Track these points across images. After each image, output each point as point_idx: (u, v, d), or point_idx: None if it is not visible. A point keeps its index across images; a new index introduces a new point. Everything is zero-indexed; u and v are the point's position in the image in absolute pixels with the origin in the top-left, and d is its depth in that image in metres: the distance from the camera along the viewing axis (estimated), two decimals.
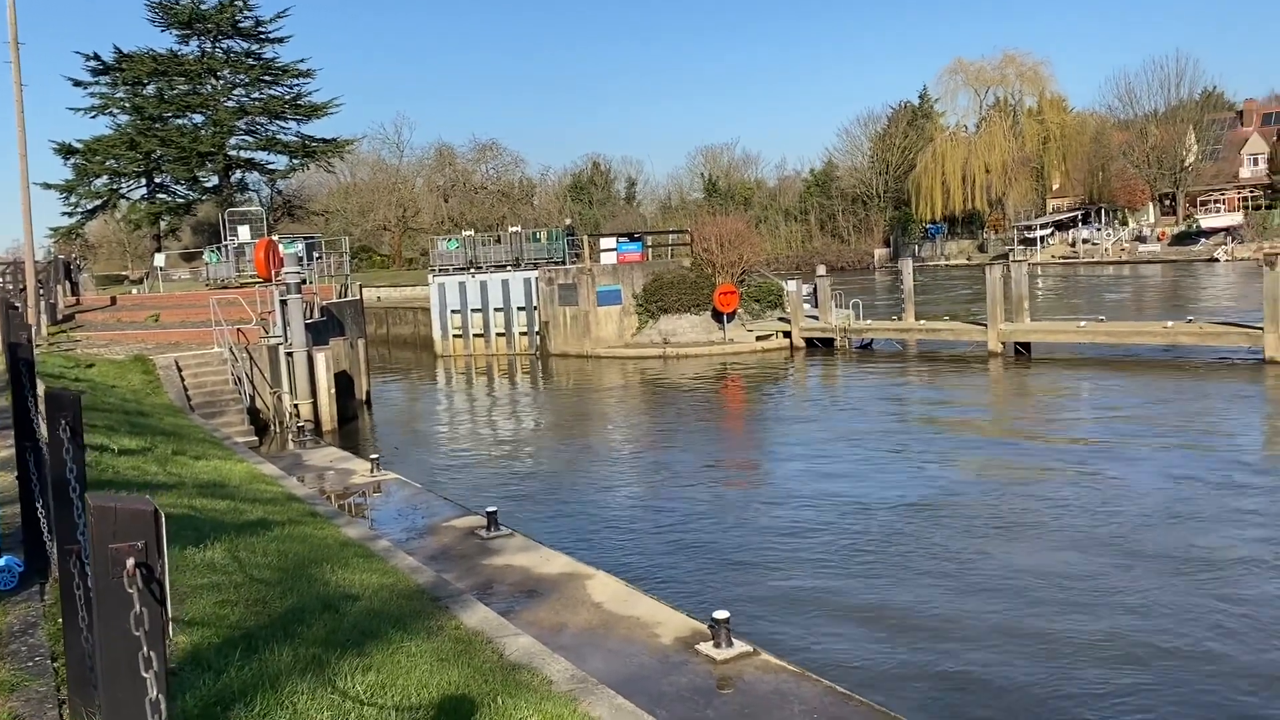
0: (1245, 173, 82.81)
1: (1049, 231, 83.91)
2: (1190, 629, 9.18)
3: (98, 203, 54.69)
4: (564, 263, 39.19)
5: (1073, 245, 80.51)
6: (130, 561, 2.10)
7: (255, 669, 4.74)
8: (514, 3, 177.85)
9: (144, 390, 19.87)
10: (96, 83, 52.12)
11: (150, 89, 53.10)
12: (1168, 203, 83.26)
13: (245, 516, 9.18)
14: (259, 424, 21.31)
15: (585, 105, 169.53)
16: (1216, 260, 65.54)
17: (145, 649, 2.11)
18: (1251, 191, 79.14)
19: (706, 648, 7.78)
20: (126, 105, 52.51)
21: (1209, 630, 9.14)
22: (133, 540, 2.12)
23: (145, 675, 2.12)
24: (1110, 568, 10.87)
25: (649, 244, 42.69)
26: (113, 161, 52.34)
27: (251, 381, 22.11)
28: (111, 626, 2.14)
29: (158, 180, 54.87)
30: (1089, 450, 16.67)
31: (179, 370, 21.55)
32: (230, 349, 22.05)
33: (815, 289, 35.63)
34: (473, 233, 45.99)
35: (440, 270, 41.78)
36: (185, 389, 20.90)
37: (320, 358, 22.48)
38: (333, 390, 22.64)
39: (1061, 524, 12.57)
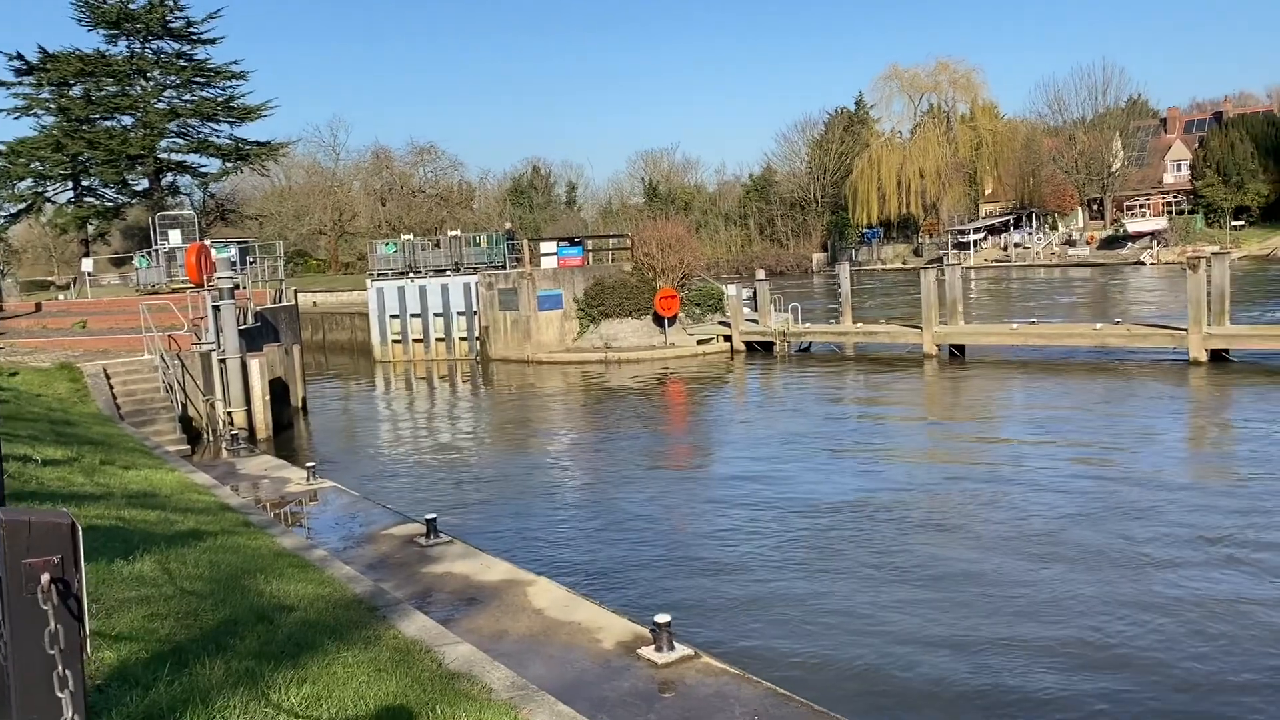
0: (1169, 178, 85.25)
1: (982, 236, 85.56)
2: (1114, 624, 9.39)
3: (22, 206, 53.19)
4: (504, 267, 38.96)
5: (1005, 249, 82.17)
6: (45, 577, 2.02)
7: (185, 684, 4.62)
8: (451, 6, 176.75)
9: (70, 399, 19.34)
10: (20, 83, 50.74)
11: (77, 90, 51.79)
12: (1096, 207, 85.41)
13: (176, 527, 8.96)
14: (191, 432, 20.86)
15: (525, 109, 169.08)
16: (1143, 263, 67.33)
17: (61, 668, 2.03)
18: (1175, 197, 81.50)
19: (648, 652, 7.77)
20: (52, 106, 51.17)
21: (1132, 625, 9.35)
22: (48, 555, 2.04)
23: (60, 695, 2.04)
24: (1037, 566, 11.08)
25: (590, 248, 42.63)
26: (37, 164, 50.94)
27: (183, 389, 21.63)
28: (25, 645, 2.05)
29: (85, 183, 53.55)
30: (1018, 450, 16.99)
31: (107, 378, 21.01)
32: (161, 356, 21.55)
33: (755, 293, 35.89)
34: (411, 237, 45.53)
35: (379, 275, 41.26)
36: (114, 397, 20.38)
37: (254, 364, 22.07)
38: (267, 397, 22.24)
39: (991, 523, 12.79)
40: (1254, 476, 14.26)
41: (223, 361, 21.88)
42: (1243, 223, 73.02)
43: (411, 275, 40.28)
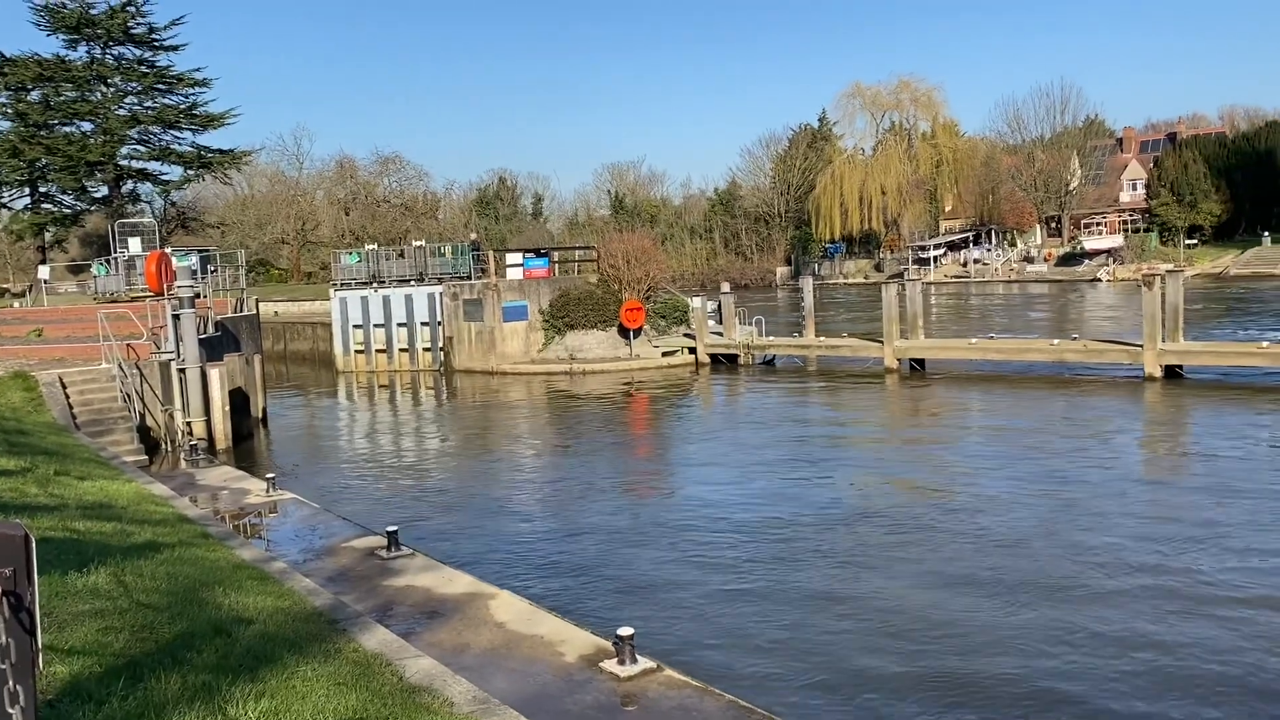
0: (1125, 197, 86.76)
1: (942, 252, 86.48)
2: (1074, 636, 9.52)
3: None
4: (469, 278, 38.81)
5: (964, 265, 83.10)
6: None
7: (140, 698, 4.56)
8: (418, 15, 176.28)
9: (24, 408, 19.00)
10: None
11: (35, 95, 50.90)
12: (1054, 225, 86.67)
13: (133, 539, 8.83)
14: (149, 443, 20.55)
15: (492, 120, 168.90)
16: (1099, 280, 68.36)
17: (11, 683, 2.00)
18: (1131, 215, 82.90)
19: (610, 665, 7.76)
20: (9, 111, 50.25)
21: (1091, 639, 9.49)
22: (0, 567, 2.01)
23: (11, 711, 2.01)
24: (987, 583, 11.20)
25: (555, 260, 42.60)
26: None
27: (142, 399, 21.32)
28: None
29: (43, 190, 52.63)
30: (976, 466, 17.17)
31: (64, 387, 20.66)
32: (119, 365, 21.22)
33: (719, 306, 36.03)
34: (376, 246, 45.24)
35: (342, 285, 40.97)
36: (70, 407, 20.04)
37: (214, 374, 21.81)
38: (227, 408, 21.97)
39: (948, 540, 12.90)
40: (1207, 493, 14.51)
41: (182, 371, 21.59)
42: (1196, 241, 74.40)
43: (375, 285, 40.01)
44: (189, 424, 21.38)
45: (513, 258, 39.86)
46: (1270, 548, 11.78)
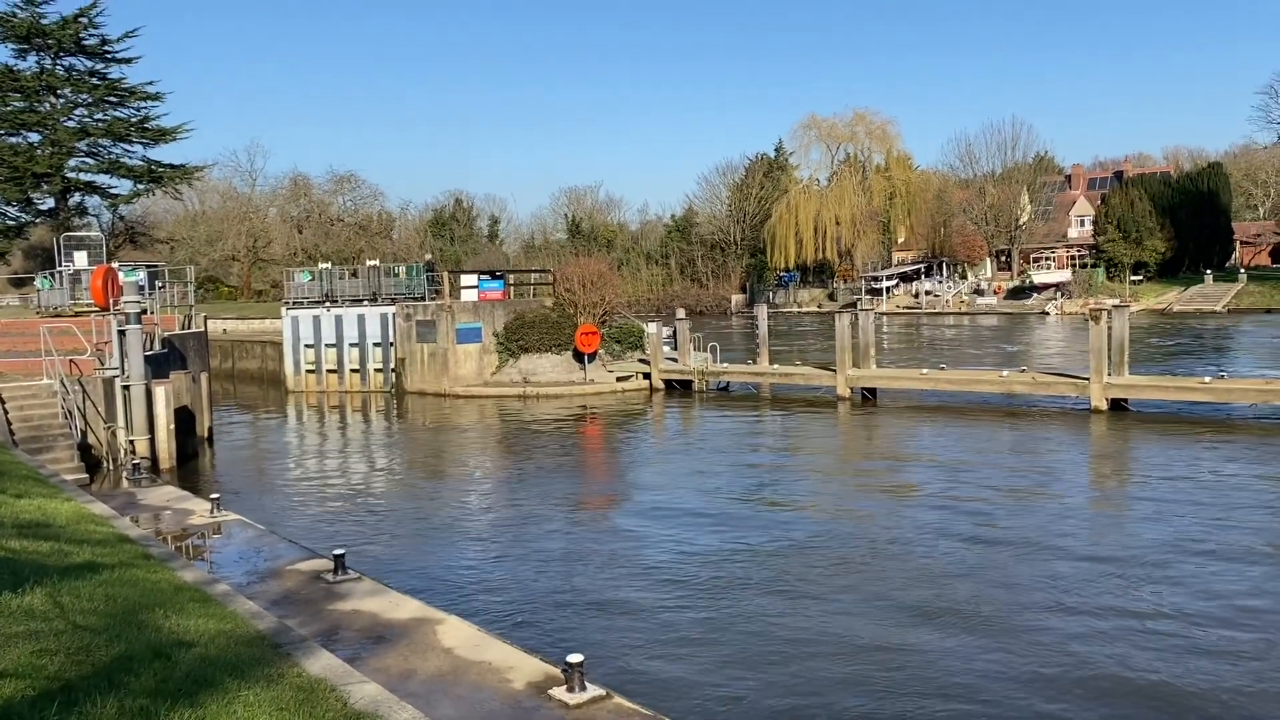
0: (1073, 233, 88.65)
1: (894, 283, 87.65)
2: (1014, 665, 9.61)
3: None
4: (423, 299, 38.56)
5: (916, 296, 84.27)
6: None
7: None
8: (377, 35, 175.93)
9: None
10: None
11: None
12: (1004, 258, 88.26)
13: (71, 559, 8.62)
14: (90, 461, 20.10)
15: (448, 141, 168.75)
16: (1047, 314, 69.63)
17: None
18: (1079, 251, 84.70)
19: (559, 692, 7.69)
20: None
21: (1034, 658, 9.59)
22: None
23: None
24: (936, 608, 11.29)
25: (511, 282, 42.54)
26: None
27: (84, 416, 20.87)
28: None
29: None
30: (924, 496, 17.34)
31: (2, 402, 20.16)
32: (61, 380, 20.77)
33: (675, 332, 36.14)
34: (329, 265, 44.83)
35: (294, 303, 40.50)
36: (9, 423, 19.56)
37: (160, 392, 21.41)
38: (172, 426, 21.57)
39: (894, 570, 12.99)
40: (1151, 523, 14.77)
41: (127, 388, 21.18)
42: (1141, 278, 76.14)
43: (328, 304, 39.60)
44: (132, 442, 20.95)
45: (468, 279, 39.68)
46: (1208, 574, 12.01)
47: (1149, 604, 11.19)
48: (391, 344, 38.17)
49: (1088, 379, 25.31)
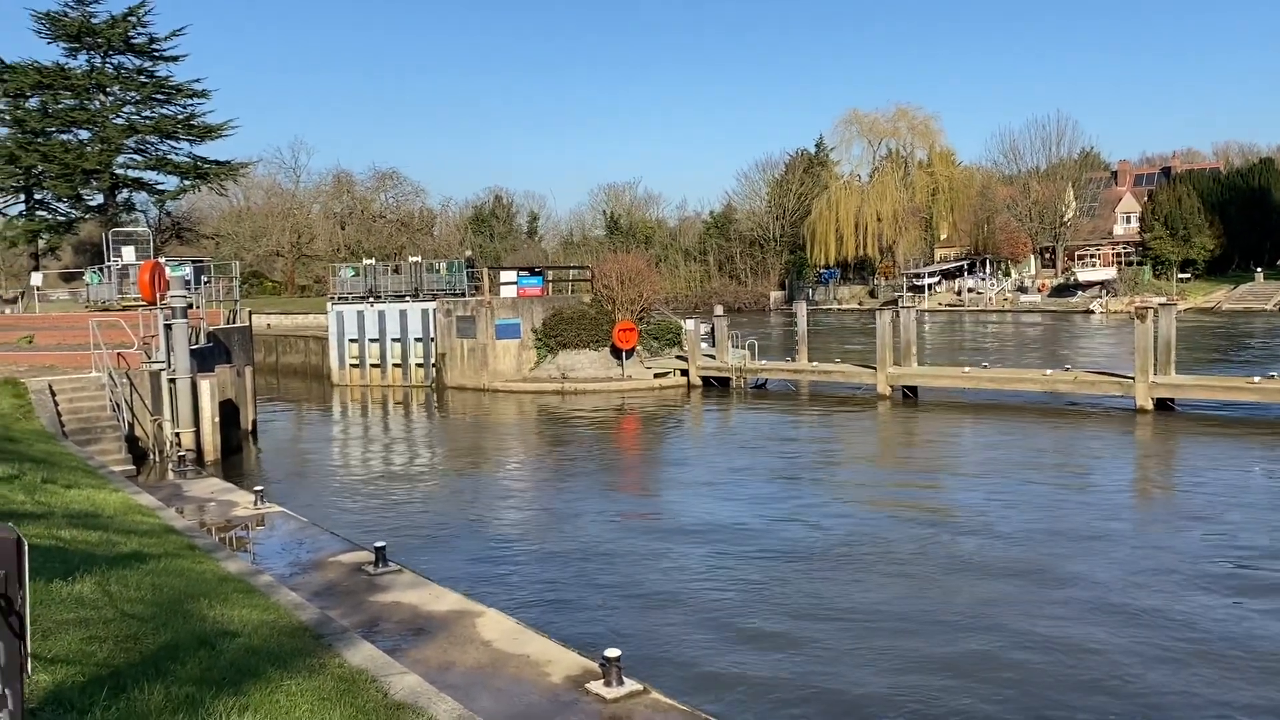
0: (1119, 230, 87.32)
1: (936, 280, 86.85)
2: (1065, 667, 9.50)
3: None
4: (463, 295, 38.84)
5: (958, 294, 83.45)
6: None
7: (123, 709, 4.52)
8: (418, 30, 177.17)
9: (13, 415, 18.90)
10: None
11: (33, 102, 50.97)
12: (1048, 256, 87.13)
13: (119, 549, 8.78)
14: (138, 453, 20.45)
15: (489, 139, 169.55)
16: (1092, 312, 68.66)
17: (1, 686, 1.98)
18: (1124, 248, 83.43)
19: (597, 686, 7.71)
20: (6, 118, 50.29)
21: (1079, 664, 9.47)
22: None
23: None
24: (977, 612, 11.18)
25: (550, 279, 42.66)
26: None
27: (131, 408, 21.23)
28: None
29: (38, 196, 52.60)
30: (966, 495, 17.18)
31: (53, 394, 20.57)
32: (109, 374, 21.15)
33: (713, 328, 36.07)
34: (373, 261, 45.28)
35: (339, 298, 41.01)
36: (59, 414, 19.95)
37: (204, 385, 21.73)
38: (217, 419, 21.88)
39: (935, 568, 12.89)
40: (1199, 525, 14.52)
41: (172, 381, 21.52)
42: (1189, 275, 74.85)
43: (371, 300, 40.07)
44: (178, 435, 21.29)
45: (507, 275, 39.91)
46: (1259, 580, 11.79)
47: (1193, 608, 11.00)
48: (432, 339, 38.50)
49: (1133, 378, 24.92)
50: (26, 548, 2.02)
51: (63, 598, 6.37)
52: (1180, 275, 73.85)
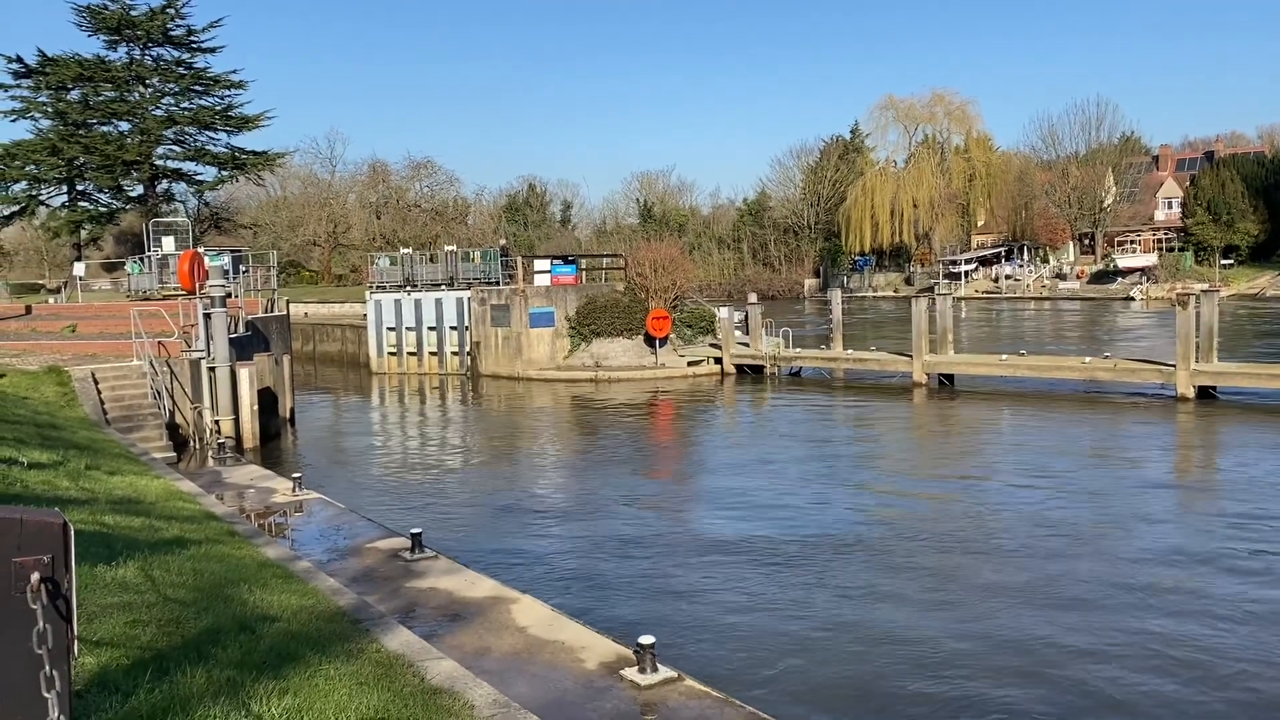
0: (1160, 215, 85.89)
1: (973, 267, 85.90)
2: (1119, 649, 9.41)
3: (15, 209, 52.97)
4: (498, 283, 39.01)
5: (996, 281, 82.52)
6: (35, 576, 2.01)
7: (166, 691, 4.59)
8: (453, 22, 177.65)
9: (58, 403, 19.24)
10: (18, 86, 50.58)
11: (75, 94, 51.69)
12: (1087, 242, 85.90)
13: (160, 534, 8.92)
14: (178, 440, 20.74)
15: (523, 127, 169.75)
16: (1132, 299, 67.68)
17: (48, 668, 2.02)
18: (1165, 234, 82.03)
19: (631, 673, 7.73)
20: (49, 110, 51.05)
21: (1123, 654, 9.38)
22: (39, 554, 2.03)
23: (47, 696, 2.03)
24: (1016, 603, 11.08)
25: (583, 267, 42.74)
26: (33, 167, 50.74)
27: (171, 396, 21.54)
28: (12, 644, 2.04)
29: (80, 188, 53.40)
30: (1004, 484, 17.02)
31: (95, 383, 20.91)
32: (150, 362, 21.46)
33: (746, 316, 35.96)
34: (409, 250, 45.61)
35: (377, 287, 41.40)
36: (102, 402, 20.28)
37: (243, 373, 22.00)
38: (255, 407, 22.16)
39: (977, 557, 12.79)
40: (1243, 515, 14.30)
41: (212, 370, 21.80)
42: (1232, 261, 73.52)
43: (408, 288, 40.42)
44: (217, 422, 21.57)
45: (540, 264, 40.01)
46: None
47: (1236, 597, 10.85)
48: (467, 328, 38.73)
49: (1174, 366, 24.56)
50: (73, 532, 2.05)
51: (107, 582, 6.48)
52: (1223, 261, 72.56)
